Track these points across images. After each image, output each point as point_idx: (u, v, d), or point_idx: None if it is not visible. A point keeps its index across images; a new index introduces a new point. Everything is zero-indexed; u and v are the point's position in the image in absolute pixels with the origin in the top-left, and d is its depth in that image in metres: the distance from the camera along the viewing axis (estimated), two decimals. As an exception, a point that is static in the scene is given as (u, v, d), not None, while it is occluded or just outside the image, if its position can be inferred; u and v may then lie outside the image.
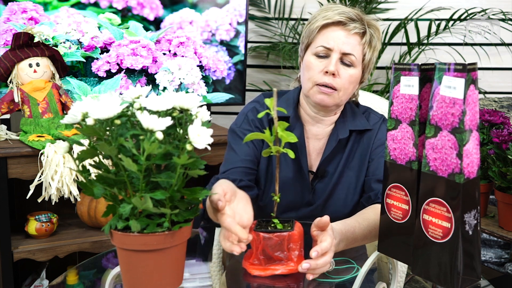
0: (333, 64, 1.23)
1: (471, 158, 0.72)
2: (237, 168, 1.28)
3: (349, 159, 1.33)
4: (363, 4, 2.51)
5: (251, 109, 1.37)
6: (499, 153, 1.66)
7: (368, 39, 1.27)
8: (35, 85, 1.79)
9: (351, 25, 1.25)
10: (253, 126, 1.34)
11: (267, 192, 1.34)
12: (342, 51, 1.24)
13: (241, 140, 1.33)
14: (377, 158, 1.31)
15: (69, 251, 1.87)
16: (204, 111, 0.77)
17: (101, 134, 0.72)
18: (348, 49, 1.25)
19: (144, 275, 0.74)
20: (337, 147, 1.31)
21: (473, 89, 0.71)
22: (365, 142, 1.34)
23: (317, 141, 1.35)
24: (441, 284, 0.75)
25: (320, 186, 1.33)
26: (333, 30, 1.26)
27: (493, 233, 1.67)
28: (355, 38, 1.26)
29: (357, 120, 1.35)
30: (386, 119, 1.38)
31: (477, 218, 0.74)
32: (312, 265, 0.93)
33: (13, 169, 1.75)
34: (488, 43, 2.64)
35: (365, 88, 2.58)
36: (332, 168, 1.33)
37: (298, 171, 1.33)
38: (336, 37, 1.25)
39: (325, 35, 1.27)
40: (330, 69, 1.23)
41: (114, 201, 0.76)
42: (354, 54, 1.25)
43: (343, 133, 1.31)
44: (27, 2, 1.95)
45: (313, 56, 1.27)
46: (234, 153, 1.32)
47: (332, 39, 1.25)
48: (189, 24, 2.19)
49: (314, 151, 1.35)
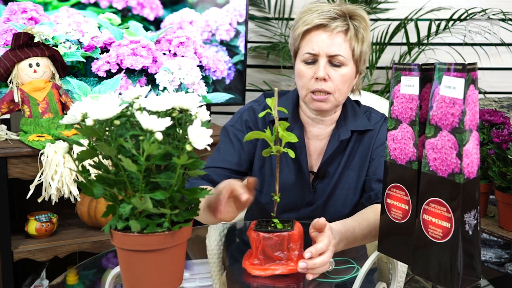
0: (322, 70, 1.22)
1: (471, 158, 0.72)
2: (218, 168, 1.29)
3: (350, 159, 1.33)
4: (363, 4, 2.51)
5: (247, 109, 1.37)
6: (499, 153, 1.66)
7: (353, 33, 1.24)
8: (35, 85, 1.79)
9: (332, 25, 1.22)
10: (245, 127, 1.34)
11: (264, 193, 1.34)
12: (328, 53, 1.22)
13: (230, 140, 1.33)
14: (377, 158, 1.31)
15: (69, 251, 1.87)
16: (203, 111, 0.77)
17: (101, 135, 0.72)
18: (334, 50, 1.22)
19: (144, 275, 0.74)
20: (339, 147, 1.31)
21: (473, 89, 0.71)
22: (366, 142, 1.33)
23: (318, 141, 1.35)
24: (441, 284, 0.75)
25: (321, 186, 1.33)
26: (316, 35, 1.23)
27: (493, 233, 1.67)
28: (340, 37, 1.23)
29: (358, 120, 1.34)
30: (387, 118, 1.37)
31: (477, 218, 0.74)
32: (309, 265, 0.93)
33: (13, 169, 1.75)
34: (488, 43, 2.64)
35: (365, 88, 2.58)
36: (333, 168, 1.33)
37: (299, 172, 1.33)
38: (320, 41, 1.23)
39: (309, 40, 1.24)
40: (319, 75, 1.22)
41: (114, 201, 0.76)
42: (341, 54, 1.23)
43: (344, 134, 1.31)
44: (27, 2, 1.95)
45: (302, 64, 1.26)
46: (218, 152, 1.33)
47: (316, 44, 1.23)
48: (189, 24, 2.19)
49: (316, 152, 1.35)
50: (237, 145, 1.32)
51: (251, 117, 1.35)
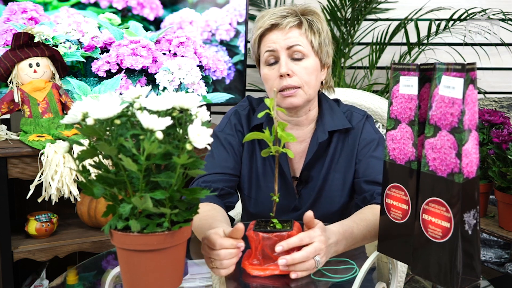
0: (284, 65, 1.22)
1: (470, 158, 0.72)
2: (216, 174, 1.28)
3: (334, 161, 1.31)
4: (363, 4, 2.51)
5: (233, 113, 1.36)
6: (499, 153, 1.66)
7: (307, 26, 1.25)
8: (35, 85, 1.79)
9: (283, 22, 1.23)
10: (234, 130, 1.33)
11: (255, 200, 1.34)
12: (286, 45, 1.23)
13: (222, 145, 1.32)
14: (364, 159, 1.29)
15: (69, 251, 1.87)
16: (203, 111, 0.77)
17: (101, 134, 0.72)
18: (292, 41, 1.23)
19: (144, 275, 0.75)
20: (319, 150, 1.30)
21: (472, 89, 0.71)
22: (350, 143, 1.31)
23: (298, 144, 1.33)
24: (440, 284, 0.75)
25: (306, 191, 1.32)
26: (270, 35, 1.25)
27: (493, 233, 1.67)
28: (294, 32, 1.24)
29: (336, 119, 1.31)
30: (369, 116, 1.35)
31: (476, 218, 0.74)
32: (288, 260, 0.93)
33: (13, 169, 1.76)
34: (488, 43, 2.64)
35: (365, 88, 2.59)
36: (316, 172, 1.31)
37: (282, 178, 1.32)
38: (275, 38, 1.24)
39: (265, 42, 1.26)
40: (282, 71, 1.22)
41: (114, 201, 0.76)
42: (299, 44, 1.23)
43: (322, 136, 1.29)
44: (27, 2, 1.95)
45: (266, 67, 1.26)
46: (212, 158, 1.31)
47: (272, 42, 1.24)
48: (189, 24, 2.19)
49: (297, 155, 1.34)
50: (230, 149, 1.32)
51: (238, 120, 1.35)
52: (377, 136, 1.31)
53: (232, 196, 1.28)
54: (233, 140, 1.32)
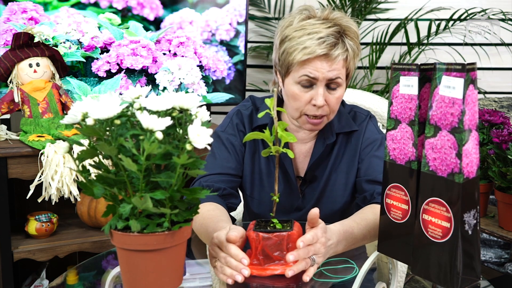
0: (321, 98, 1.18)
1: (470, 158, 0.72)
2: (217, 175, 1.27)
3: (337, 161, 1.32)
4: (363, 4, 2.51)
5: (235, 113, 1.35)
6: (499, 153, 1.66)
7: (352, 55, 1.20)
8: (35, 85, 1.79)
9: (334, 53, 1.16)
10: (236, 130, 1.33)
11: (258, 200, 1.34)
12: (328, 77, 1.18)
13: (223, 145, 1.32)
14: (367, 158, 1.29)
15: (69, 251, 1.87)
16: (203, 111, 0.77)
17: (101, 134, 0.72)
18: (334, 74, 1.18)
19: (144, 275, 0.75)
20: (325, 151, 1.30)
21: (472, 89, 0.71)
22: (353, 143, 1.32)
23: (303, 144, 1.34)
24: (441, 284, 0.75)
25: (309, 191, 1.32)
26: (317, 63, 1.17)
27: (493, 233, 1.67)
28: (339, 63, 1.18)
29: (343, 121, 1.32)
30: (372, 115, 1.36)
31: (476, 218, 0.74)
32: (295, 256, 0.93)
33: (13, 169, 1.76)
34: (488, 43, 2.64)
35: (365, 88, 2.58)
36: (320, 172, 1.32)
37: (285, 178, 1.32)
38: (320, 68, 1.17)
39: (308, 66, 1.17)
40: (318, 103, 1.18)
41: (114, 201, 0.76)
42: (340, 77, 1.19)
43: (330, 138, 1.29)
44: (27, 2, 1.95)
45: (296, 85, 1.20)
46: (214, 158, 1.30)
47: (316, 70, 1.17)
48: (189, 24, 2.19)
49: (301, 155, 1.34)
50: (232, 149, 1.31)
51: (240, 120, 1.34)
52: (380, 135, 1.32)
53: (234, 197, 1.28)
54: (235, 140, 1.32)
